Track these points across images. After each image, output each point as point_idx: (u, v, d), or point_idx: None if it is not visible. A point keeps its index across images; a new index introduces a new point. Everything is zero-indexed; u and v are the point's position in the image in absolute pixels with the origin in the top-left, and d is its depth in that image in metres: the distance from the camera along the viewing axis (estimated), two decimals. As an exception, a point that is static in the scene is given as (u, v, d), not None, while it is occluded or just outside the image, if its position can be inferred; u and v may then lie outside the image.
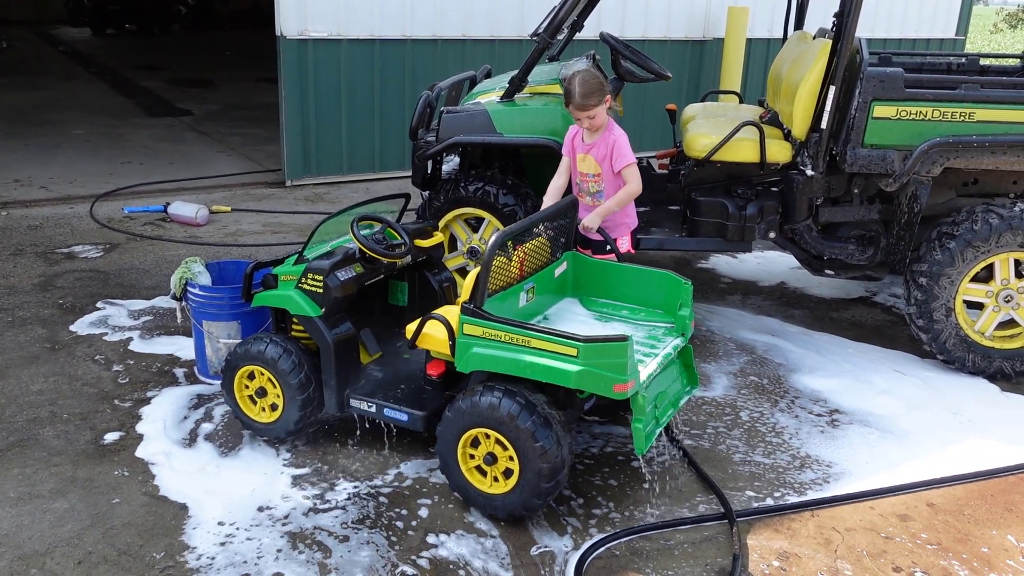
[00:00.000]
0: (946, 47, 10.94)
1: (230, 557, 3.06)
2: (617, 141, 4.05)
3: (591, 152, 4.09)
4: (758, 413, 4.18)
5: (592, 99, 3.93)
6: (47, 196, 7.28)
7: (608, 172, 4.08)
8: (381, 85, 7.90)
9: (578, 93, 3.94)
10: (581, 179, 4.18)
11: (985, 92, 4.37)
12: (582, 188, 4.18)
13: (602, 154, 4.06)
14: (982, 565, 3.17)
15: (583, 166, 4.14)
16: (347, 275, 3.63)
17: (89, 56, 17.04)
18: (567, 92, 4.01)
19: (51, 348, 4.58)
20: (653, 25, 9.10)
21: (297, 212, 7.13)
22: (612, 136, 4.06)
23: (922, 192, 4.49)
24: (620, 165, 4.04)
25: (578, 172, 4.18)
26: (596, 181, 4.12)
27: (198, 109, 11.45)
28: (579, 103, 3.95)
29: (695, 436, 3.95)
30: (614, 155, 4.04)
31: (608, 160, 4.05)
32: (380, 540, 3.18)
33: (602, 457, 3.76)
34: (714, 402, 4.27)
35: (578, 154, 4.16)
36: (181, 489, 3.44)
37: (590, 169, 4.11)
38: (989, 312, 4.52)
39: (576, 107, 3.97)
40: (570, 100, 3.99)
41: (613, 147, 4.04)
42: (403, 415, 3.53)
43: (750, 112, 5.55)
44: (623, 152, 4.05)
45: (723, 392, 4.37)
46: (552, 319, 3.71)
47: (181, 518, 3.27)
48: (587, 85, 3.93)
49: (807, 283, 5.93)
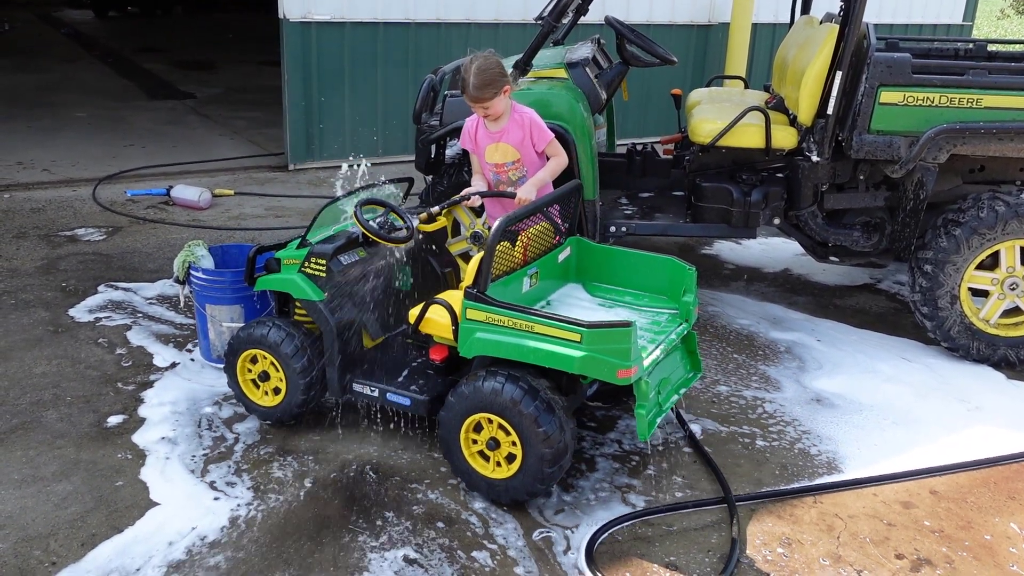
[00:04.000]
0: (953, 32, 10.86)
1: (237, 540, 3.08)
2: (533, 119, 3.85)
3: (503, 139, 3.89)
4: (761, 399, 4.17)
5: (487, 91, 3.68)
6: (50, 179, 7.27)
7: (530, 154, 3.90)
8: (384, 68, 7.86)
9: (472, 84, 3.67)
10: (496, 170, 3.97)
11: (993, 78, 4.33)
12: (498, 180, 3.98)
13: (518, 138, 3.88)
14: (985, 552, 3.17)
15: (496, 156, 3.94)
16: (350, 259, 3.62)
17: (91, 38, 16.97)
18: (462, 80, 3.72)
19: (54, 331, 4.58)
20: (658, 9, 9.04)
21: (300, 196, 7.11)
22: (526, 116, 3.85)
23: (928, 179, 4.46)
24: (544, 142, 3.88)
25: (490, 164, 3.97)
26: (516, 168, 3.94)
27: (201, 92, 11.41)
28: (473, 95, 3.69)
29: (697, 422, 3.95)
30: (535, 135, 3.86)
31: (528, 141, 3.87)
32: (380, 521, 3.19)
33: (604, 441, 3.76)
34: (716, 387, 4.26)
35: (487, 146, 3.94)
36: (183, 471, 3.45)
37: (506, 157, 3.93)
38: (994, 300, 4.51)
39: (470, 99, 3.73)
40: (464, 90, 3.72)
41: (531, 126, 3.84)
42: (406, 399, 3.53)
43: (756, 97, 5.52)
44: (543, 129, 3.86)
45: (725, 377, 4.37)
46: (555, 304, 3.70)
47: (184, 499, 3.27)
48: (483, 75, 3.66)
49: (811, 270, 5.91)
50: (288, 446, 3.65)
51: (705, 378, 4.33)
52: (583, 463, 3.59)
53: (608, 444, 3.74)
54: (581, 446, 3.69)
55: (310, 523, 3.18)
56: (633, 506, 3.34)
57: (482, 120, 3.94)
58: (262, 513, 3.22)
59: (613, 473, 3.54)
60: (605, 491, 3.42)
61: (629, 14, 8.61)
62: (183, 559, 2.98)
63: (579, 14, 5.31)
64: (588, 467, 3.57)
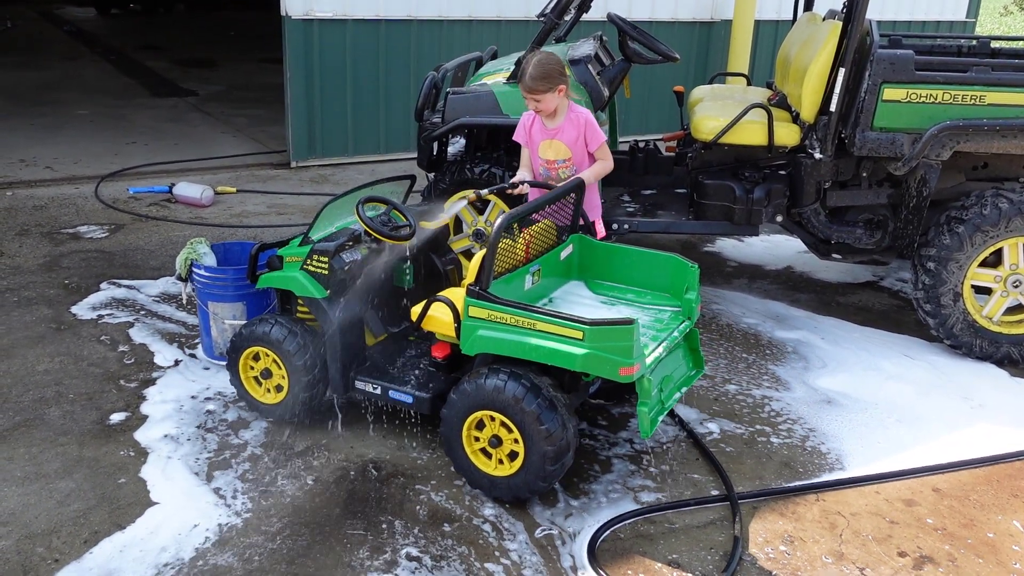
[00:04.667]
0: (956, 29, 10.84)
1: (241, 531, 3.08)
2: (588, 120, 3.90)
3: (558, 137, 3.93)
4: (764, 397, 4.17)
5: (542, 84, 3.74)
6: (52, 176, 7.27)
7: (581, 153, 3.94)
8: (386, 66, 7.86)
9: (529, 75, 3.75)
10: (547, 167, 4.01)
11: (996, 75, 4.32)
12: (548, 176, 4.02)
13: (572, 137, 3.91)
14: (987, 550, 3.16)
15: (549, 153, 3.98)
16: (352, 257, 3.62)
17: (93, 36, 16.98)
18: (521, 71, 3.81)
19: (56, 328, 4.59)
20: (661, 6, 9.03)
21: (302, 193, 7.11)
22: (581, 116, 3.91)
23: (931, 176, 4.46)
24: (596, 144, 3.92)
25: (542, 160, 4.01)
26: (567, 166, 3.98)
27: (203, 89, 11.41)
28: (528, 84, 3.75)
29: (700, 420, 3.94)
30: (588, 135, 3.91)
31: (582, 141, 3.91)
32: (382, 519, 3.19)
33: (606, 439, 3.75)
34: (719, 385, 4.26)
35: (541, 141, 3.98)
36: (185, 467, 3.45)
37: (559, 155, 3.96)
38: (997, 297, 4.50)
39: (525, 88, 3.79)
40: (521, 80, 3.80)
41: (586, 127, 3.89)
42: (408, 397, 3.53)
43: (758, 94, 5.51)
44: (597, 130, 3.92)
45: (728, 375, 4.36)
46: (557, 302, 3.70)
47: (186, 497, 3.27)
48: (541, 68, 3.74)
49: (814, 267, 5.91)
50: (289, 444, 3.65)
51: (713, 376, 4.33)
52: (584, 460, 3.59)
53: (610, 441, 3.74)
54: (582, 444, 3.69)
55: (312, 522, 3.18)
56: (636, 503, 3.34)
57: (538, 118, 3.97)
58: (263, 512, 3.22)
59: (614, 470, 3.54)
60: (603, 487, 3.42)
61: (631, 11, 8.61)
62: (185, 558, 2.98)
63: (581, 11, 5.31)
64: (590, 463, 3.57)
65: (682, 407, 4.01)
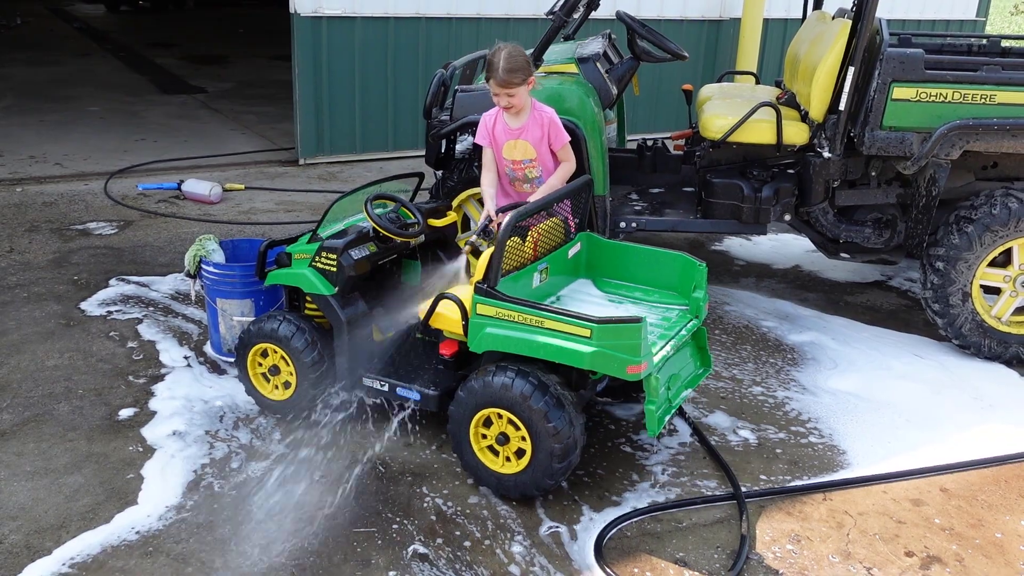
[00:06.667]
0: (966, 28, 10.80)
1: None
2: (552, 119, 3.85)
3: (523, 136, 3.88)
4: (772, 395, 4.16)
5: (516, 76, 3.69)
6: (62, 172, 7.30)
7: (545, 153, 3.89)
8: (395, 63, 7.87)
9: (503, 68, 3.67)
10: (513, 167, 3.95)
11: (1007, 74, 4.31)
12: (514, 176, 3.97)
13: (537, 136, 3.86)
14: (995, 551, 3.15)
15: (515, 153, 3.92)
16: (360, 254, 3.63)
17: (103, 33, 17.04)
18: (490, 64, 3.72)
19: (66, 324, 4.61)
20: (669, 4, 9.01)
21: (310, 191, 7.12)
22: (546, 115, 3.85)
23: (941, 175, 4.44)
24: (560, 143, 3.88)
25: (507, 161, 3.94)
26: (533, 166, 3.93)
27: (212, 87, 11.44)
28: (503, 78, 3.68)
29: (708, 418, 3.94)
30: (552, 135, 3.86)
31: (546, 141, 3.86)
32: (390, 517, 3.20)
33: (613, 437, 3.75)
34: (726, 384, 4.25)
35: (505, 141, 3.92)
36: (186, 468, 3.46)
37: (524, 155, 3.91)
38: (1006, 297, 4.48)
39: (498, 82, 3.71)
40: (492, 74, 3.71)
41: (550, 126, 3.84)
42: (415, 394, 3.53)
43: (767, 93, 5.50)
44: (561, 130, 3.87)
45: (736, 374, 4.36)
46: (565, 300, 3.70)
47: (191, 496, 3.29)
48: (513, 60, 3.68)
49: (822, 266, 5.89)
50: (297, 440, 3.66)
51: (721, 374, 4.32)
52: (591, 458, 3.59)
53: (617, 439, 3.74)
54: (588, 442, 3.69)
55: (320, 519, 3.19)
56: (643, 502, 3.34)
57: (501, 115, 3.91)
58: (271, 510, 3.23)
59: (622, 468, 3.54)
60: (611, 485, 3.42)
61: (640, 9, 8.59)
62: (188, 552, 2.99)
63: (590, 9, 5.30)
64: (597, 462, 3.57)
65: (690, 405, 4.01)
